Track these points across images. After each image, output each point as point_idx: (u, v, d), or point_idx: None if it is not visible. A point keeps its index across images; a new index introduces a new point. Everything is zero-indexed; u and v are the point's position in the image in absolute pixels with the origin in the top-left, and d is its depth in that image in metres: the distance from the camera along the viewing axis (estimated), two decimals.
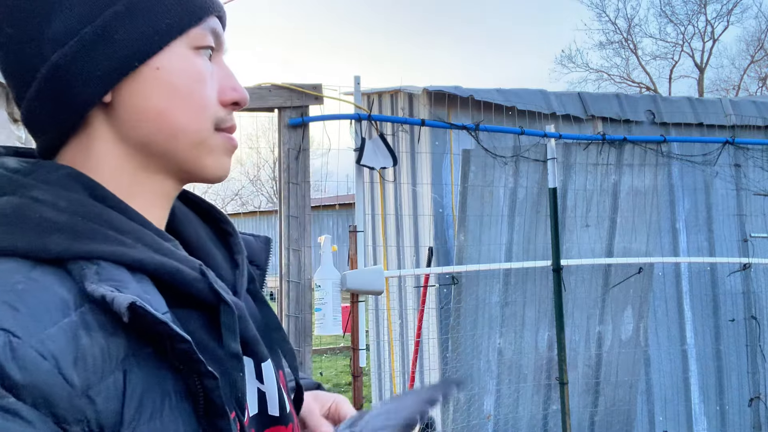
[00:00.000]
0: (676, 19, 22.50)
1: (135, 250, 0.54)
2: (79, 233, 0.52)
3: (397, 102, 4.01)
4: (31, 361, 0.44)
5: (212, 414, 0.53)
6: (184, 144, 0.61)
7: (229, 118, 0.64)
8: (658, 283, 3.66)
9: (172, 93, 0.60)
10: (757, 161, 3.83)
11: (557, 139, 3.28)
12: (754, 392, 3.79)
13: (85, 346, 0.47)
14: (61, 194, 0.55)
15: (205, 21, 0.62)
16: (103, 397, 0.47)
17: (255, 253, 0.76)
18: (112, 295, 0.49)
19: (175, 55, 0.60)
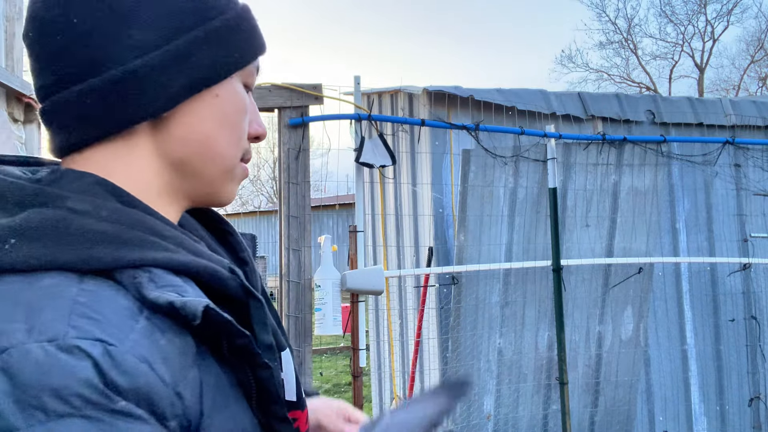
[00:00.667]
0: (676, 19, 22.51)
1: (179, 254, 0.56)
2: (126, 242, 0.52)
3: (397, 102, 4.01)
4: (131, 365, 0.45)
5: (267, 402, 0.57)
6: (218, 169, 0.64)
7: (250, 150, 0.69)
8: (658, 283, 3.66)
9: (222, 120, 0.63)
10: (757, 161, 3.83)
11: (557, 139, 3.28)
12: (754, 392, 3.79)
13: (165, 347, 0.49)
14: (98, 203, 0.54)
15: (256, 61, 0.67)
16: (188, 392, 0.49)
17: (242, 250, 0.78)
18: (182, 300, 0.50)
19: (231, 86, 0.63)
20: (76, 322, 0.45)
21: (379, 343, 4.42)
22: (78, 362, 0.43)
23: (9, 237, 0.50)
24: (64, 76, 0.57)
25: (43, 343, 0.44)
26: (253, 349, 0.54)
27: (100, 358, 0.44)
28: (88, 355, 0.44)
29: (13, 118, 2.34)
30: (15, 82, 2.29)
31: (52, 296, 0.47)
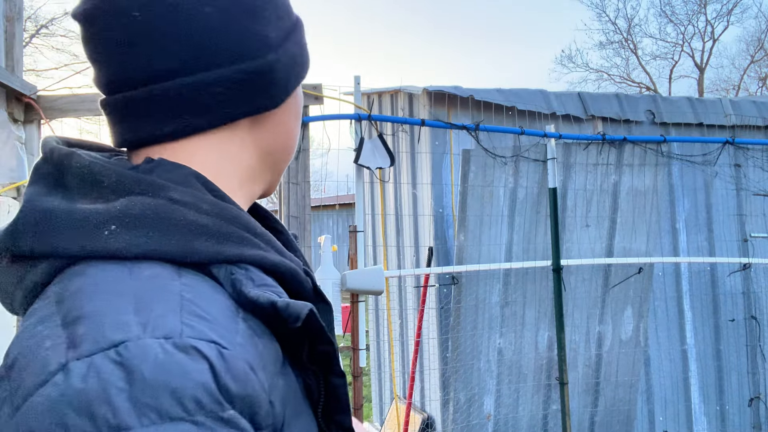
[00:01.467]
0: (676, 19, 22.51)
1: (270, 253, 0.55)
2: (225, 236, 0.51)
3: (397, 102, 4.01)
4: (243, 372, 0.44)
5: (334, 411, 0.55)
6: (286, 160, 0.68)
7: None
8: (658, 283, 3.66)
9: (297, 116, 0.67)
10: (757, 161, 3.83)
11: (557, 139, 3.28)
12: (754, 392, 3.79)
13: (262, 352, 0.48)
14: (198, 196, 0.53)
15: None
16: (278, 400, 0.48)
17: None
18: (285, 302, 0.49)
19: (297, 95, 0.67)
20: (189, 321, 0.44)
21: (379, 343, 4.42)
22: (196, 364, 0.42)
23: (109, 223, 0.48)
24: (186, 62, 0.55)
25: (161, 339, 0.42)
26: (334, 356, 0.53)
27: (216, 361, 0.42)
28: (205, 357, 0.42)
29: (13, 118, 2.34)
30: (15, 82, 2.29)
31: (158, 289, 0.46)
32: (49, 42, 16.38)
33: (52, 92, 2.54)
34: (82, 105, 2.46)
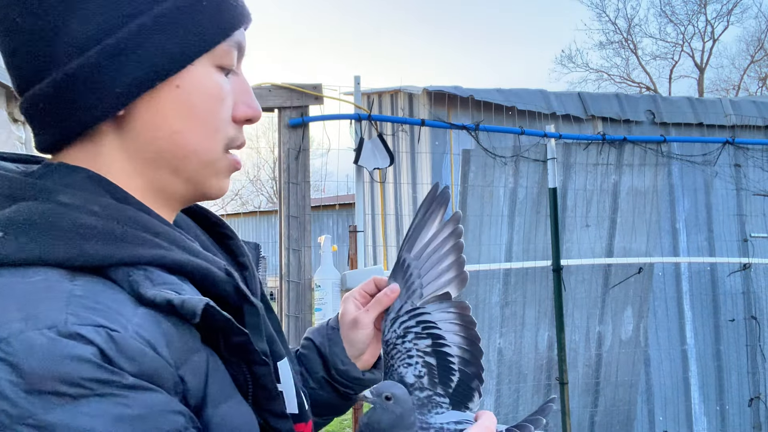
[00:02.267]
0: (676, 19, 22.51)
1: (173, 252, 0.54)
2: (118, 238, 0.51)
3: (397, 102, 4.01)
4: (137, 350, 0.45)
5: (264, 399, 0.56)
6: (195, 165, 0.59)
7: (239, 136, 0.62)
8: (658, 283, 3.66)
9: (189, 113, 0.57)
10: (757, 161, 3.83)
11: (557, 139, 3.28)
12: (754, 392, 3.79)
13: (168, 330, 0.48)
14: (89, 198, 0.53)
15: (230, 37, 0.59)
16: (191, 376, 0.49)
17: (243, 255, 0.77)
18: (180, 299, 0.49)
19: (197, 72, 0.57)
20: (74, 311, 0.44)
21: None
22: (84, 347, 0.43)
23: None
24: (22, 77, 0.55)
25: (43, 330, 0.42)
26: (250, 347, 0.53)
27: (104, 345, 0.43)
28: (91, 342, 0.43)
29: (13, 118, 2.34)
30: None
31: (46, 289, 0.46)
32: None
33: None
34: None
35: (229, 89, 0.60)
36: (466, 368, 0.80)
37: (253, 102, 0.62)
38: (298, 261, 2.73)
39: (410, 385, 0.75)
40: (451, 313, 0.82)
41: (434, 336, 0.80)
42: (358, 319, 0.82)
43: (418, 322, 0.80)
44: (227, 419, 0.51)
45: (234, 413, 0.52)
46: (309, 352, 0.84)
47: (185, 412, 0.47)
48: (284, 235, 2.75)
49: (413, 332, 0.79)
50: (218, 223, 0.71)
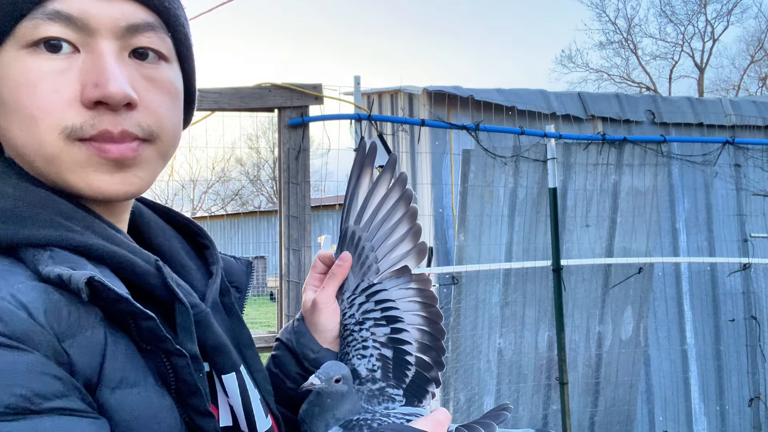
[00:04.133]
0: (676, 19, 22.51)
1: (83, 236, 0.52)
2: (23, 219, 0.50)
3: (397, 102, 4.01)
4: (7, 311, 0.44)
5: (185, 393, 0.53)
6: (35, 162, 0.54)
7: (92, 124, 0.52)
8: (658, 283, 3.66)
9: (3, 109, 0.53)
10: (757, 161, 3.83)
11: (557, 139, 3.28)
12: (754, 392, 3.79)
13: (57, 301, 0.47)
14: (5, 180, 0.53)
15: (40, 8, 0.50)
16: (78, 351, 0.47)
17: (235, 274, 0.74)
18: (68, 273, 0.47)
19: (0, 62, 0.52)
20: None
21: None
22: None
23: None
24: None
25: None
26: (160, 333, 0.50)
27: None
28: None
29: None
30: None
31: None
32: None
33: None
34: None
35: (53, 69, 0.51)
36: (426, 354, 0.76)
37: (102, 79, 0.51)
38: (298, 261, 2.73)
39: (362, 377, 0.72)
40: (411, 289, 0.77)
41: (392, 319, 0.75)
42: (317, 301, 0.78)
43: (376, 303, 0.76)
44: (126, 405, 0.49)
45: (136, 400, 0.49)
46: (281, 353, 0.80)
47: (65, 379, 0.45)
48: (284, 235, 2.75)
49: (372, 318, 0.75)
50: (197, 233, 0.71)
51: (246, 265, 0.75)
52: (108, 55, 0.52)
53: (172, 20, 0.57)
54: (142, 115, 0.55)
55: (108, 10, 0.52)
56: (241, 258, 0.76)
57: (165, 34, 0.57)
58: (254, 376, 0.66)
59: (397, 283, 0.77)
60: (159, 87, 0.57)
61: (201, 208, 32.77)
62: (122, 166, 0.54)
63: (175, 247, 0.67)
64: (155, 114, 0.56)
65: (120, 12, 0.53)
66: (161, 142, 0.58)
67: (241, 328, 0.69)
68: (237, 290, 0.73)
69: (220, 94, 2.60)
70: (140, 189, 0.57)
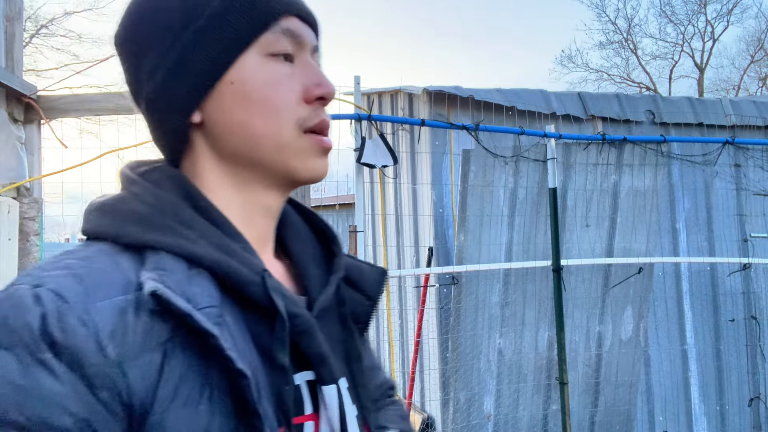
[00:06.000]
0: (676, 19, 22.50)
1: (196, 245, 0.58)
2: (151, 225, 0.58)
3: (397, 102, 4.01)
4: (72, 326, 0.49)
5: (244, 413, 0.54)
6: (267, 150, 0.64)
7: (314, 115, 0.65)
8: (658, 283, 3.66)
9: (248, 103, 0.63)
10: (757, 161, 3.83)
11: (557, 139, 3.28)
12: (754, 392, 3.79)
13: (129, 323, 0.51)
14: (152, 191, 0.61)
15: (275, 25, 0.64)
16: (137, 372, 0.50)
17: (366, 282, 0.75)
18: (145, 282, 0.53)
19: (247, 65, 0.63)
20: (54, 275, 0.52)
21: (379, 343, 4.42)
22: (33, 307, 0.49)
23: (93, 210, 0.61)
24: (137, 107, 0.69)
25: (24, 286, 0.51)
26: (223, 352, 0.52)
27: (50, 310, 0.49)
28: (42, 304, 0.49)
29: (13, 118, 2.34)
30: (15, 82, 2.29)
31: (67, 254, 0.56)
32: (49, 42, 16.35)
33: (52, 92, 2.54)
34: (82, 105, 2.46)
35: (287, 73, 0.64)
36: None
37: (322, 80, 0.65)
38: None
39: None
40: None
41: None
42: None
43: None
44: (178, 423, 0.51)
45: (188, 419, 0.51)
46: None
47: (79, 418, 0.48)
48: None
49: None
50: (331, 240, 0.75)
51: (379, 274, 0.76)
52: (316, 65, 0.67)
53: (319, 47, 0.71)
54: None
55: (309, 33, 0.67)
56: (375, 266, 0.77)
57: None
58: (357, 391, 0.67)
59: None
60: None
61: None
62: (326, 154, 0.67)
63: (307, 254, 0.71)
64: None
65: (312, 36, 0.68)
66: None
67: (353, 340, 0.69)
68: (367, 298, 0.74)
69: None
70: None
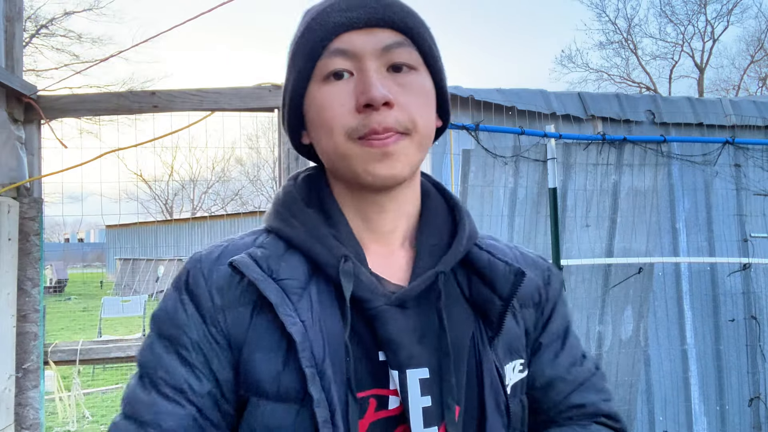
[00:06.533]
0: (676, 19, 22.50)
1: (293, 230, 0.73)
2: (275, 214, 0.77)
3: None
4: (197, 279, 0.72)
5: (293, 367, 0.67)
6: (334, 161, 0.72)
7: (362, 124, 0.68)
8: (658, 283, 3.66)
9: (314, 126, 0.74)
10: (757, 161, 3.83)
11: (557, 139, 3.28)
12: (754, 392, 3.79)
13: (233, 282, 0.71)
14: (288, 189, 0.79)
15: (326, 51, 0.71)
16: (233, 318, 0.70)
17: (498, 280, 0.75)
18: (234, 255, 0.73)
19: (310, 94, 0.73)
20: (212, 247, 0.76)
21: None
22: (186, 266, 0.74)
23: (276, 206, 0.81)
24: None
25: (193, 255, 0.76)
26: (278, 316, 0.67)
27: (190, 267, 0.73)
28: (191, 265, 0.74)
29: (13, 119, 2.34)
30: (15, 82, 2.29)
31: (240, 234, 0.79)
32: (49, 42, 16.36)
33: (52, 92, 2.54)
34: (82, 105, 2.46)
35: (340, 90, 0.70)
36: None
37: (366, 88, 0.68)
38: None
39: None
40: None
41: None
42: None
43: None
44: (255, 364, 0.68)
45: (260, 363, 0.67)
46: None
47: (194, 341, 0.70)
48: None
49: None
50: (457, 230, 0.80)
51: (513, 273, 0.75)
52: (369, 71, 0.69)
53: (416, 37, 0.73)
54: (398, 114, 0.69)
55: (369, 40, 0.70)
56: (512, 265, 0.76)
57: (412, 49, 0.73)
58: (441, 386, 0.69)
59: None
60: (410, 91, 0.71)
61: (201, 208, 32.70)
62: (387, 156, 0.69)
63: (426, 244, 0.77)
64: (408, 112, 0.70)
65: (377, 39, 0.71)
66: (416, 134, 0.71)
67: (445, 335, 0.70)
68: (499, 297, 0.74)
69: (220, 94, 2.60)
70: (401, 172, 0.71)
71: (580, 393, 0.82)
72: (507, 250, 0.87)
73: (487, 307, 0.74)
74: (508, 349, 0.76)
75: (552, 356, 0.82)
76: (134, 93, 2.48)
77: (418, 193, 0.80)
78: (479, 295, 0.75)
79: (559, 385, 0.81)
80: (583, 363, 0.84)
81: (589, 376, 0.84)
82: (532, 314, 0.82)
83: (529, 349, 0.81)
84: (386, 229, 0.76)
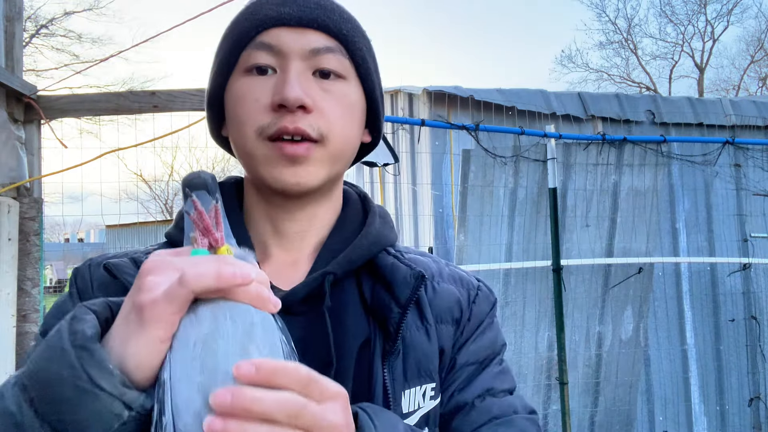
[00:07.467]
0: (676, 19, 22.50)
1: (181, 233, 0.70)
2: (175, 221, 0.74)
3: (397, 102, 4.01)
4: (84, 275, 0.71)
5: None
6: (244, 159, 0.69)
7: (274, 123, 0.65)
8: (658, 283, 3.66)
9: (229, 119, 0.70)
10: (757, 161, 3.83)
11: (557, 139, 3.28)
12: (754, 392, 3.79)
13: (111, 285, 0.68)
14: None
15: (252, 42, 0.67)
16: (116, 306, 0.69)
17: (397, 283, 0.68)
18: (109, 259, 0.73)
19: (231, 85, 0.69)
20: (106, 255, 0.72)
21: None
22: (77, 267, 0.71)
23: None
24: None
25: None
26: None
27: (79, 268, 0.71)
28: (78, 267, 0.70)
29: (13, 118, 2.34)
30: (15, 82, 2.29)
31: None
32: (49, 42, 16.35)
33: (52, 92, 2.54)
34: (82, 105, 2.46)
35: (257, 84, 0.66)
36: None
37: (281, 88, 0.65)
38: None
39: None
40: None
41: None
42: None
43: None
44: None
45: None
46: None
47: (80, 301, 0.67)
48: None
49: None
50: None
51: (414, 277, 0.68)
52: (291, 71, 0.65)
53: (350, 45, 0.69)
54: (315, 119, 0.66)
55: (298, 39, 0.66)
56: (415, 268, 0.69)
57: (344, 57, 0.69)
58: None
59: None
60: (334, 98, 0.67)
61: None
62: (295, 162, 0.65)
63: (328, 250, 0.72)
64: (327, 119, 0.66)
65: (306, 39, 0.67)
66: (330, 144, 0.67)
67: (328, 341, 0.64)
68: (396, 302, 0.67)
69: None
70: (309, 182, 0.67)
71: (493, 428, 0.69)
72: (429, 262, 0.76)
73: (385, 314, 0.66)
74: (417, 370, 0.68)
75: (465, 380, 0.72)
76: (134, 93, 2.48)
77: (337, 203, 0.75)
78: (379, 301, 0.68)
79: (471, 414, 0.70)
80: (504, 398, 0.73)
81: (509, 413, 0.71)
82: (450, 331, 0.72)
83: (444, 372, 0.72)
84: (294, 236, 0.71)
